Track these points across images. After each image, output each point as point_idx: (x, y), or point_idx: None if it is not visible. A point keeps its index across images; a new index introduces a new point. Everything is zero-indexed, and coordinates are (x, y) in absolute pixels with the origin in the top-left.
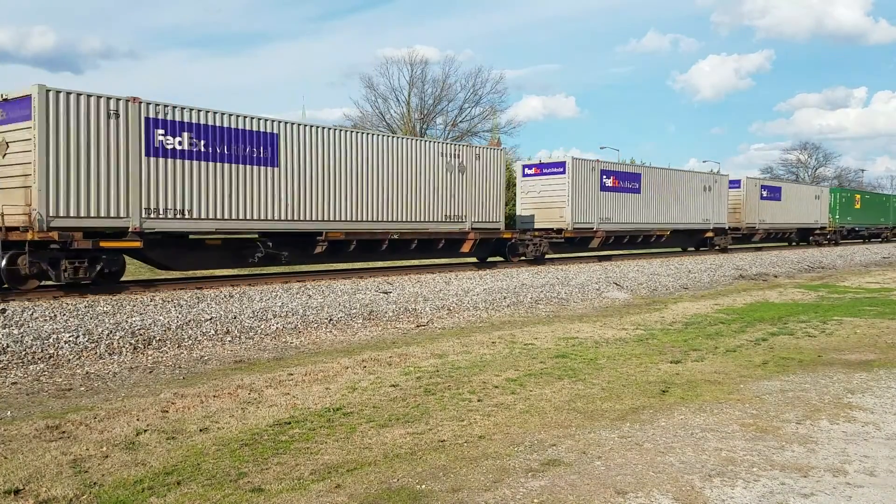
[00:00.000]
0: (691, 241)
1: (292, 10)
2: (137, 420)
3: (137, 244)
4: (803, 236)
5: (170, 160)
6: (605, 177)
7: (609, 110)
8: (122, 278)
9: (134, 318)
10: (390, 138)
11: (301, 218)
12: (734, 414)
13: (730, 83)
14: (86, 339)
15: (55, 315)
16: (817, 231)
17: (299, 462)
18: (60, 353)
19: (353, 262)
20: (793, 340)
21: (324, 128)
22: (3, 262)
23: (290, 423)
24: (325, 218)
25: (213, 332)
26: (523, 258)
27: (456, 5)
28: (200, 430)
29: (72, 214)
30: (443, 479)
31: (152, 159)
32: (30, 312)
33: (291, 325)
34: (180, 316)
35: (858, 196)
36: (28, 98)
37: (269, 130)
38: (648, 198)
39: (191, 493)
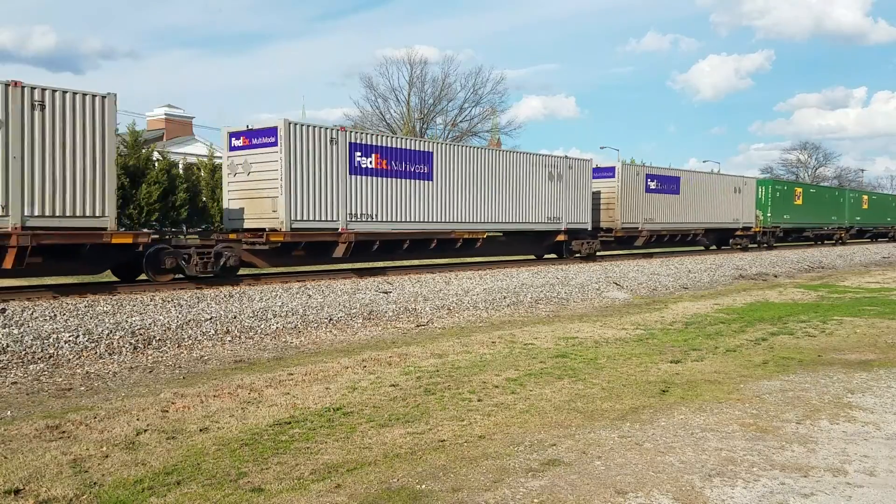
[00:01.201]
0: (538, 246)
1: (292, 10)
2: (137, 420)
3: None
4: (721, 238)
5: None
6: (357, 152)
7: (609, 110)
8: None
9: (134, 318)
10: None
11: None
12: (734, 414)
13: (730, 83)
14: (86, 339)
15: (55, 315)
16: (739, 232)
17: (299, 462)
18: (60, 352)
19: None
20: (793, 340)
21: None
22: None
23: (290, 422)
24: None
25: (213, 331)
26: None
27: (456, 5)
28: (200, 430)
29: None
30: (443, 479)
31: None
32: (30, 312)
33: (291, 325)
34: (180, 316)
35: (800, 190)
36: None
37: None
38: (445, 187)
39: (191, 492)
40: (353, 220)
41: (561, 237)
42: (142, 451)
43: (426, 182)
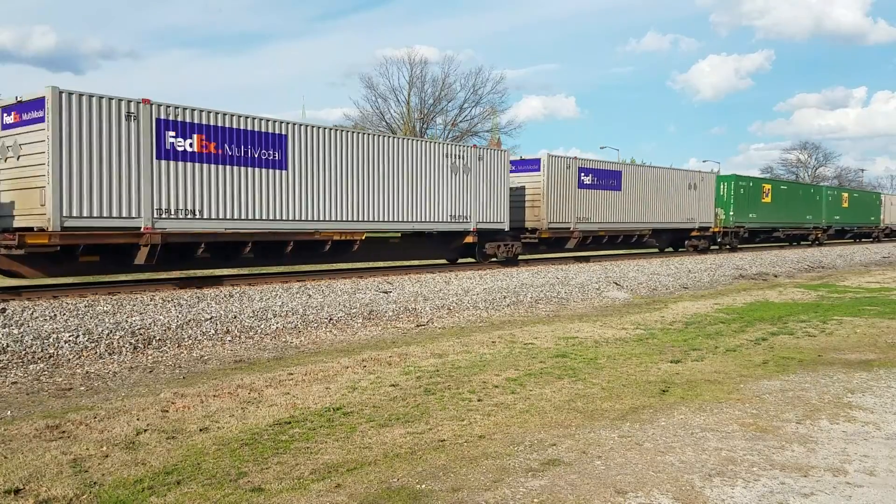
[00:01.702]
0: (445, 249)
1: (292, 10)
2: (137, 420)
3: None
4: (676, 239)
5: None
6: (170, 131)
7: (609, 110)
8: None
9: (134, 318)
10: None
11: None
12: (734, 413)
13: (729, 83)
14: (86, 339)
15: (55, 314)
16: (695, 233)
17: (299, 462)
18: (60, 352)
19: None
20: (793, 340)
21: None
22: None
23: (290, 422)
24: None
25: (213, 331)
26: None
27: (456, 5)
28: (200, 430)
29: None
30: (443, 479)
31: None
32: (30, 312)
33: (291, 325)
34: (180, 315)
35: (768, 186)
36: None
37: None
38: (306, 178)
39: (191, 492)
40: (165, 216)
41: (470, 238)
42: (142, 450)
43: (278, 171)
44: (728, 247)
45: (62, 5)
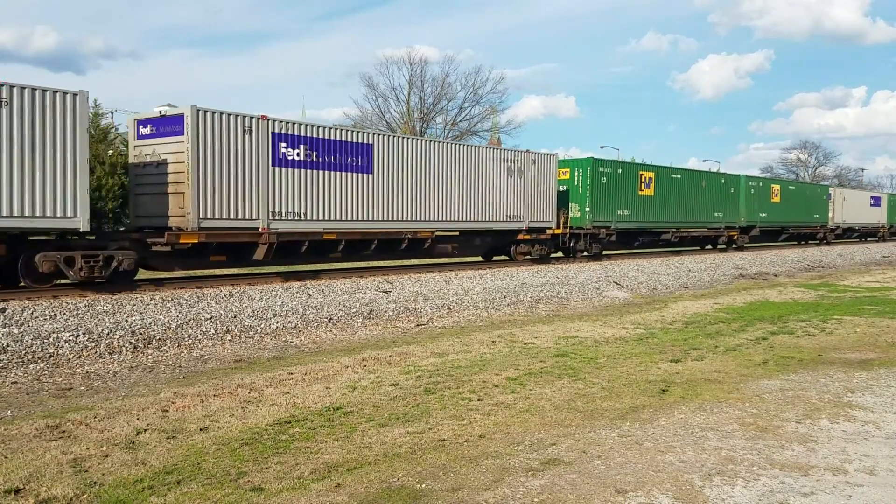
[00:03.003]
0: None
1: (293, 9)
2: (137, 419)
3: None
4: (497, 245)
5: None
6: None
7: (609, 110)
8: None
9: (134, 318)
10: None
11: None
12: (734, 413)
13: (729, 83)
14: (86, 339)
15: (55, 314)
16: (524, 236)
17: (299, 461)
18: (60, 352)
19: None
20: (793, 339)
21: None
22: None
23: (290, 422)
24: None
25: (213, 331)
26: None
27: (456, 5)
28: (201, 430)
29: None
30: (443, 479)
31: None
32: (30, 311)
33: (291, 325)
34: (180, 315)
35: (650, 174)
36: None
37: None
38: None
39: (191, 492)
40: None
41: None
42: (142, 450)
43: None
44: (586, 254)
45: (63, 5)
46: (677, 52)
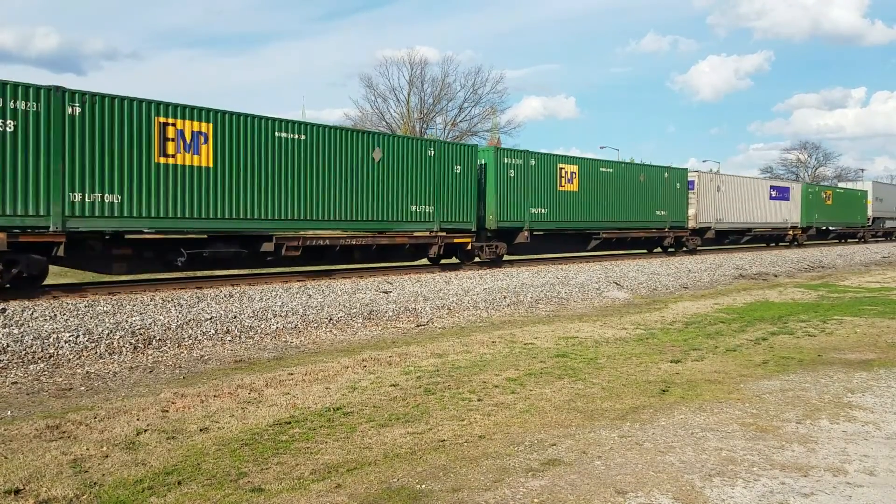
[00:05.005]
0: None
1: (293, 10)
2: (138, 420)
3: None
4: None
5: None
6: None
7: (609, 110)
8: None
9: (134, 318)
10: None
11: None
12: (734, 413)
13: (729, 84)
14: (86, 339)
15: (55, 315)
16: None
17: (299, 462)
18: (60, 352)
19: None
20: (793, 340)
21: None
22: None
23: (290, 422)
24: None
25: (213, 331)
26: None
27: (456, 5)
28: (201, 430)
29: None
30: (443, 479)
31: None
32: (30, 312)
33: (291, 325)
34: (180, 315)
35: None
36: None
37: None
38: None
39: (191, 492)
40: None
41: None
42: (142, 451)
43: None
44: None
45: (64, 6)
46: (677, 53)
